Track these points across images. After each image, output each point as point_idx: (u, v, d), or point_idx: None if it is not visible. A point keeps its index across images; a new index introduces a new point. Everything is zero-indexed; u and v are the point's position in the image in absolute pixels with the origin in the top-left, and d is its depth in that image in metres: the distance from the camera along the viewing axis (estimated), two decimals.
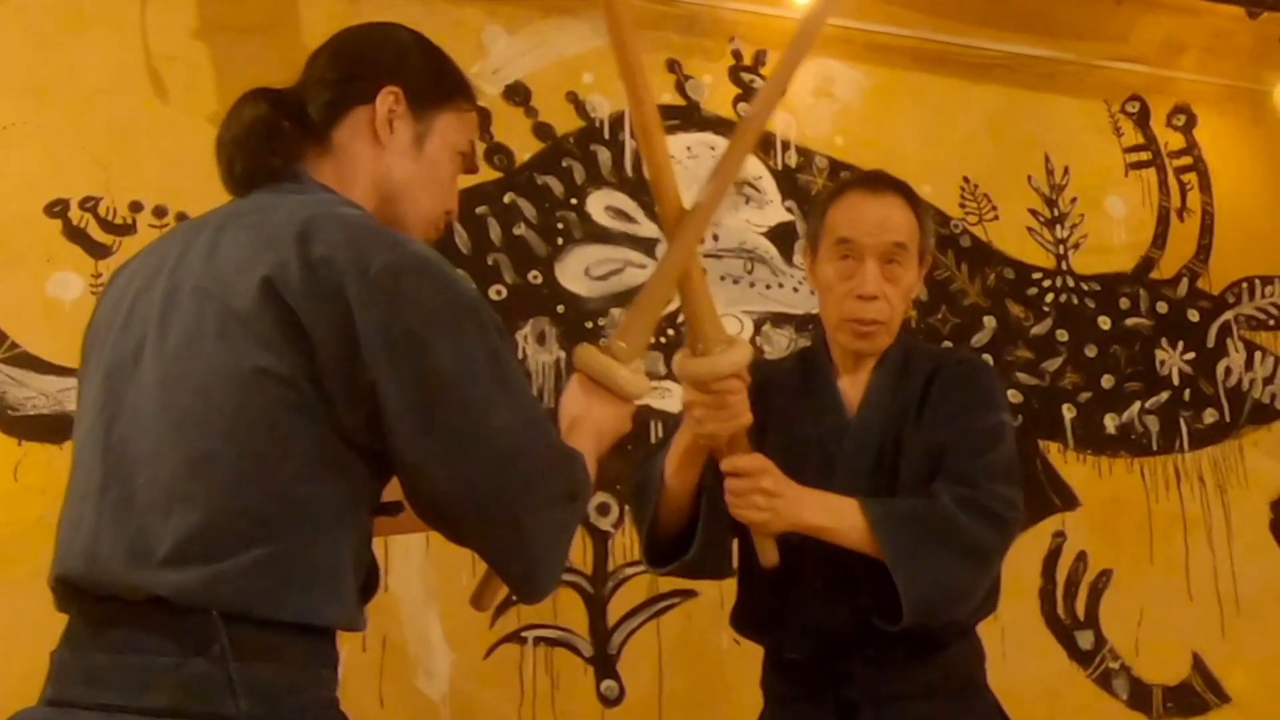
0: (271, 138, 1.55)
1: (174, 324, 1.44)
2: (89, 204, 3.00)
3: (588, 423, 1.67)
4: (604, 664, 3.18)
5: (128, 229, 3.00)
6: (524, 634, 3.14)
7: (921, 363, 2.17)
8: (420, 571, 3.10)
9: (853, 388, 2.16)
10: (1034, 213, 3.83)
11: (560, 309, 3.33)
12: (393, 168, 1.60)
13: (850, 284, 2.10)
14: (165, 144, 3.01)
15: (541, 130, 3.44)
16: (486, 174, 3.35)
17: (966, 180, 3.79)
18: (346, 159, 1.59)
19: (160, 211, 2.99)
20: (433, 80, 1.64)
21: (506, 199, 3.36)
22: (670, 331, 3.28)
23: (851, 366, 2.17)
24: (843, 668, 2.07)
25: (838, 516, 1.98)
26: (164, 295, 1.46)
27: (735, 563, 2.19)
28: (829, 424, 2.15)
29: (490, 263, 3.31)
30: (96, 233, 3.00)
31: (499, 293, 3.29)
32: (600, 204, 3.43)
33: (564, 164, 3.42)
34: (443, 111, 1.64)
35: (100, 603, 1.38)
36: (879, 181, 2.20)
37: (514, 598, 3.07)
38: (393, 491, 1.56)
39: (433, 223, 1.67)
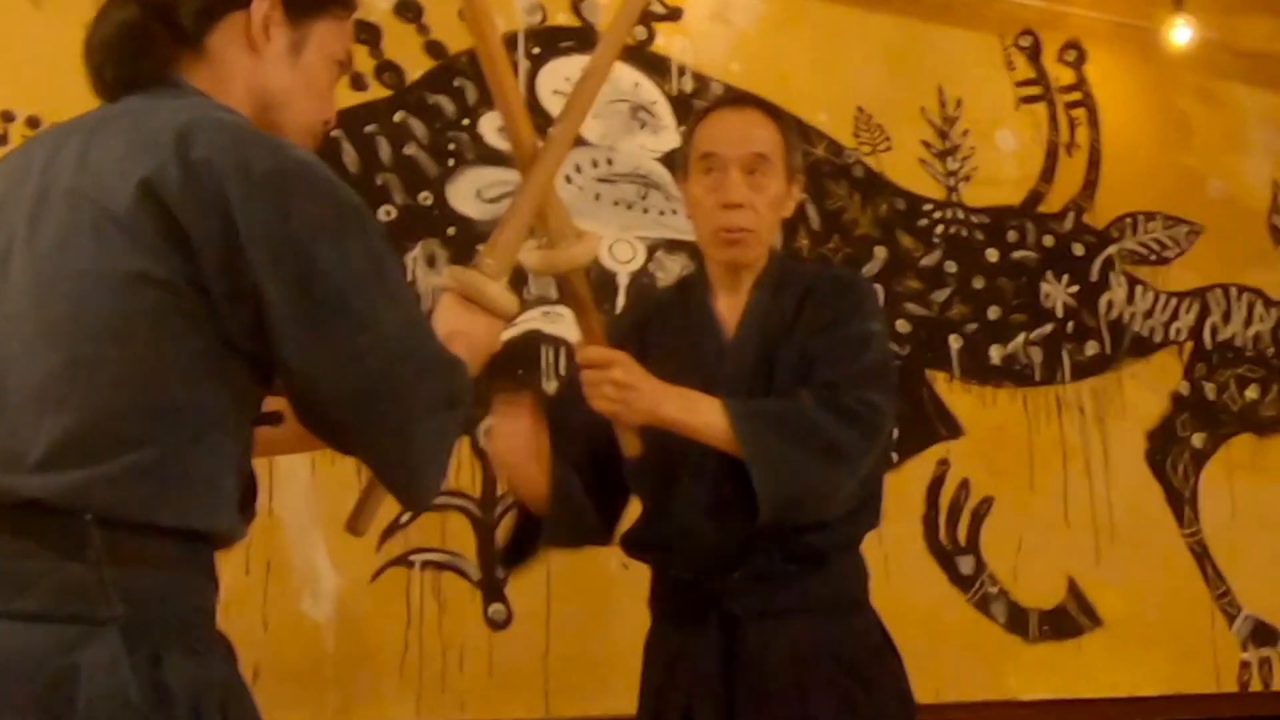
0: (142, 42, 1.51)
1: (45, 226, 1.40)
2: None
3: (461, 337, 1.67)
4: (492, 588, 3.18)
5: (0, 139, 2.89)
6: (411, 558, 3.13)
7: (796, 280, 2.20)
8: (305, 495, 3.06)
9: (730, 310, 2.19)
10: (926, 144, 3.86)
11: (451, 231, 3.29)
12: (269, 75, 1.56)
13: (716, 195, 2.14)
14: (38, 50, 2.89)
15: (433, 48, 3.37)
16: (376, 92, 3.29)
17: (861, 110, 3.80)
18: (222, 66, 1.54)
19: (33, 122, 2.88)
20: None
21: (397, 118, 3.30)
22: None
23: (729, 286, 2.20)
24: (725, 583, 2.10)
25: (696, 411, 2.01)
26: (33, 197, 1.42)
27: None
28: (707, 346, 2.18)
29: (379, 182, 3.25)
30: None
31: (388, 213, 3.24)
32: (493, 125, 3.37)
33: (456, 83, 3.37)
34: (320, 18, 1.59)
35: None
36: (741, 99, 2.31)
37: (401, 520, 3.10)
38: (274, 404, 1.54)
39: (311, 131, 1.64)
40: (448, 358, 1.52)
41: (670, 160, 3.52)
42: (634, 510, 2.26)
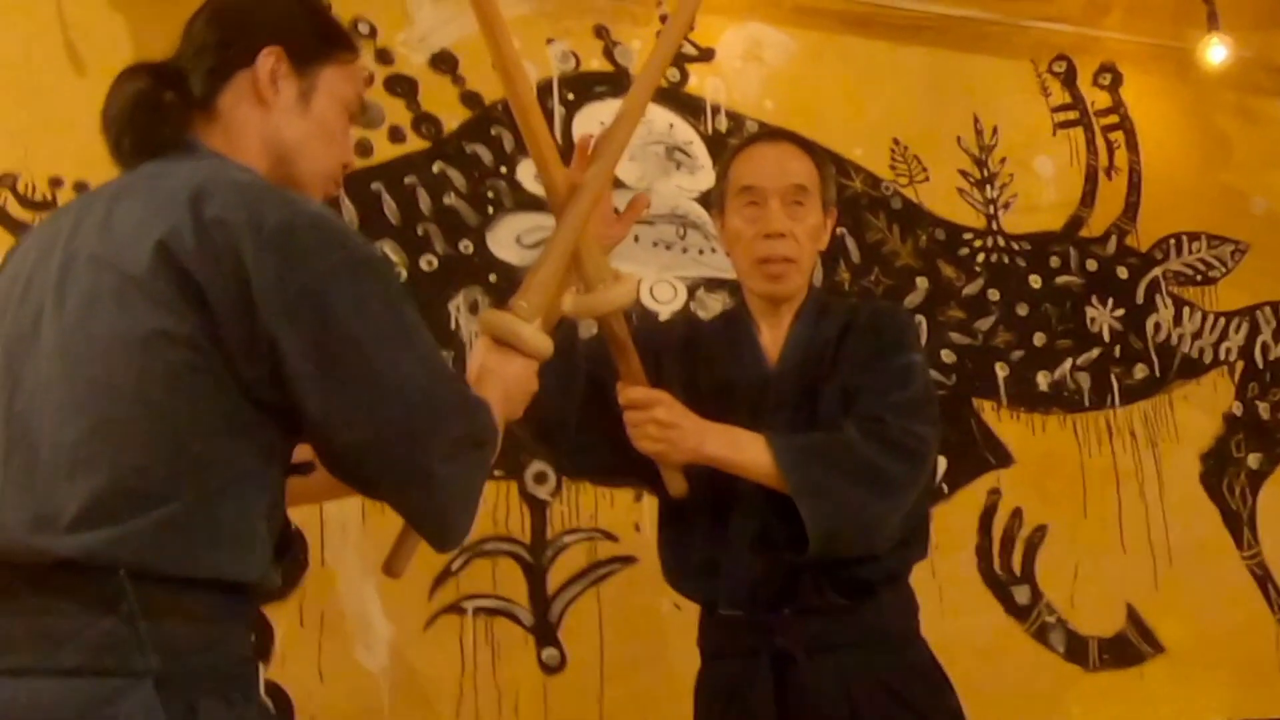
0: (155, 110, 1.54)
1: (71, 293, 1.43)
2: (7, 180, 2.95)
3: (493, 378, 1.70)
4: (545, 632, 3.18)
5: (47, 205, 2.95)
6: (463, 604, 3.13)
7: (837, 312, 2.23)
8: (356, 545, 3.08)
9: (773, 341, 2.21)
10: (964, 173, 3.86)
11: (492, 278, 3.31)
12: (282, 128, 1.59)
13: (757, 227, 2.16)
14: (84, 117, 2.91)
15: (469, 99, 3.41)
16: (414, 144, 3.33)
17: (896, 142, 3.80)
18: (234, 124, 1.58)
19: (80, 186, 2.94)
20: (313, 35, 1.63)
21: (435, 168, 3.33)
22: None
23: (771, 319, 2.22)
24: (775, 619, 2.09)
25: (740, 448, 2.02)
26: (60, 266, 1.46)
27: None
28: (751, 377, 2.19)
29: (420, 233, 3.28)
30: (16, 209, 2.95)
31: (430, 263, 3.27)
32: (530, 171, 3.40)
33: (493, 132, 3.40)
34: (326, 65, 1.63)
35: (5, 570, 1.36)
36: (775, 134, 2.35)
37: (453, 567, 3.11)
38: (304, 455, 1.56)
39: (330, 177, 1.67)
40: (468, 398, 1.54)
41: (707, 199, 3.54)
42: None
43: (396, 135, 3.31)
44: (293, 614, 3.00)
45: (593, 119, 3.50)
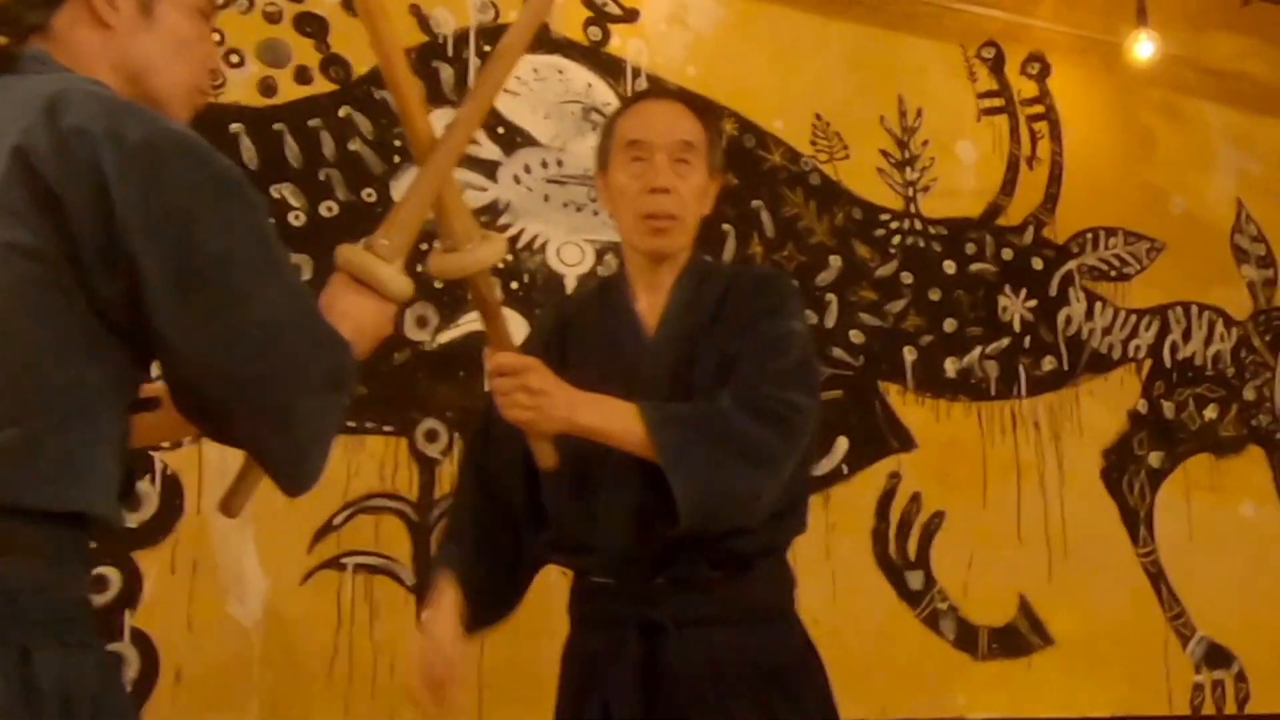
0: None
1: None
2: None
3: (348, 319, 1.60)
4: (426, 593, 3.09)
5: None
6: (343, 560, 3.06)
7: (717, 278, 2.15)
8: None
9: (651, 309, 2.14)
10: (885, 153, 3.82)
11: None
12: (128, 47, 1.49)
13: (642, 181, 2.09)
14: None
15: None
16: (321, 85, 3.24)
17: (819, 118, 3.75)
18: (75, 47, 1.47)
19: None
20: None
21: (342, 112, 3.24)
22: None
23: (649, 284, 2.15)
24: (646, 590, 2.04)
25: (612, 417, 1.94)
26: None
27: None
28: (627, 346, 2.12)
29: (322, 177, 3.19)
30: None
31: (330, 209, 3.18)
32: (441, 123, 3.27)
33: None
34: None
35: None
36: (666, 92, 2.25)
37: (334, 521, 3.03)
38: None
39: (195, 88, 1.57)
40: (333, 335, 1.46)
41: None
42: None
43: (303, 76, 3.22)
44: (164, 560, 2.91)
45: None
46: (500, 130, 3.38)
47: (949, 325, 3.78)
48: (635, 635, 2.02)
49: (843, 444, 3.57)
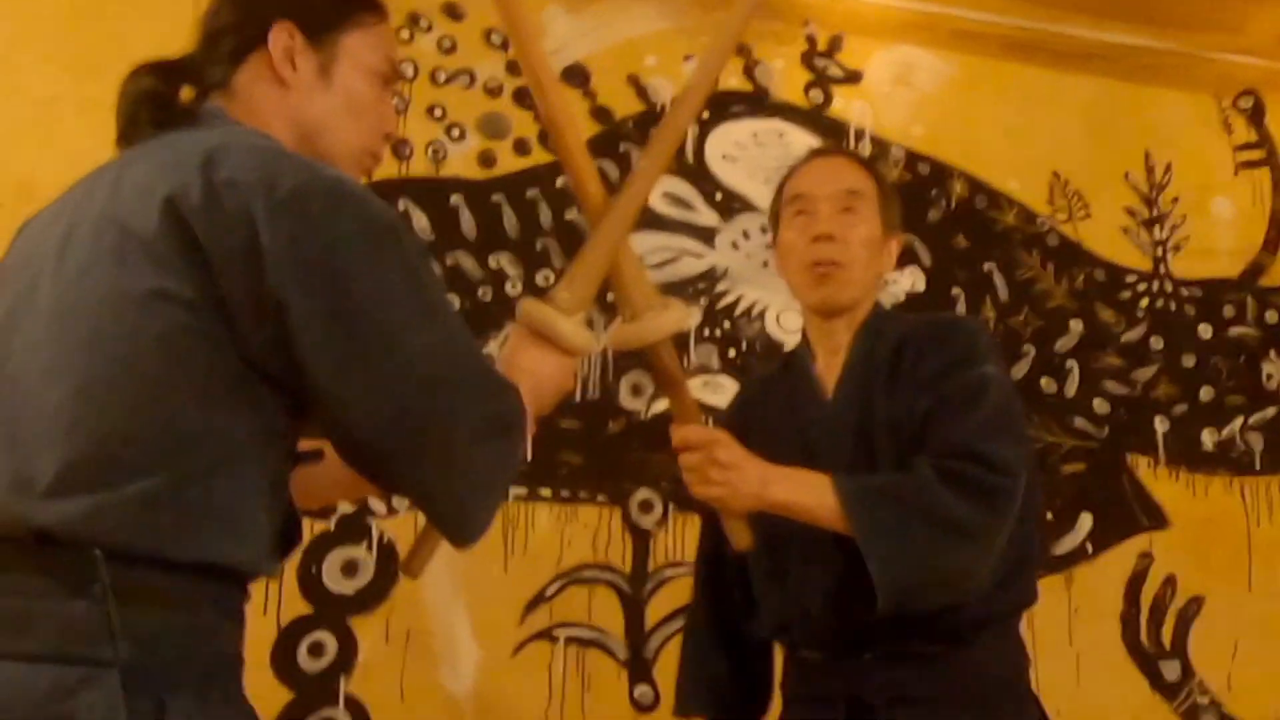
0: (164, 108, 1.48)
1: (72, 254, 1.36)
2: None
3: (525, 372, 1.58)
4: (639, 667, 3.03)
5: None
6: (555, 632, 3.01)
7: (895, 328, 2.02)
8: (448, 562, 2.98)
9: (829, 370, 2.03)
10: (1130, 212, 3.59)
11: (610, 297, 3.19)
12: (303, 105, 1.50)
13: (806, 234, 2.01)
14: None
15: (600, 114, 3.32)
16: (540, 157, 3.25)
17: (1056, 176, 3.56)
18: (254, 103, 1.50)
19: None
20: (325, 4, 1.54)
21: (559, 183, 3.25)
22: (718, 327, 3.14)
23: (827, 345, 2.04)
24: (856, 666, 1.90)
25: (805, 491, 1.82)
26: (65, 229, 1.39)
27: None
28: (806, 411, 2.02)
29: (539, 247, 3.20)
30: None
31: (547, 278, 3.18)
32: (658, 190, 3.29)
33: (622, 148, 3.30)
34: (346, 33, 1.54)
35: None
36: (832, 148, 2.19)
37: (546, 592, 2.99)
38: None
39: (366, 150, 1.57)
40: (496, 380, 1.42)
41: None
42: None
43: (522, 148, 3.25)
44: (378, 628, 2.92)
45: (727, 138, 3.38)
46: (718, 196, 3.33)
47: (1205, 393, 3.50)
48: (843, 713, 1.89)
49: (1086, 521, 3.33)
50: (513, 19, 1.76)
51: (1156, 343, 3.50)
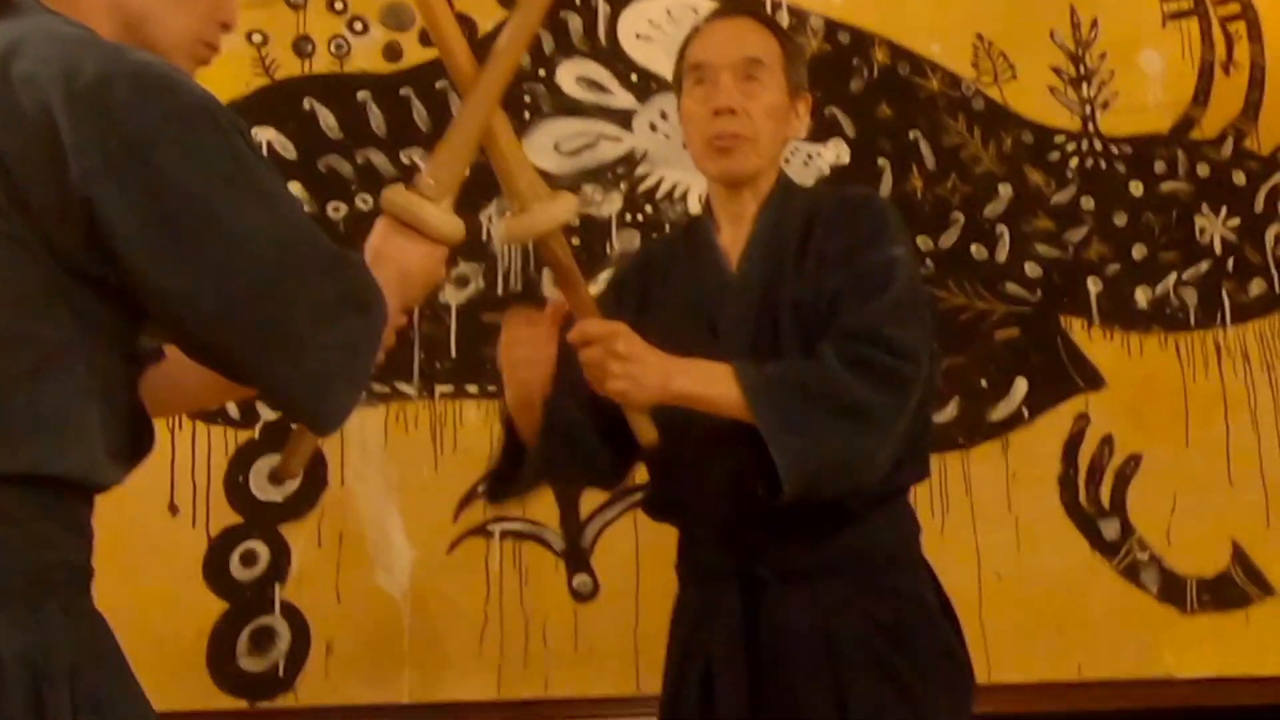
0: None
1: None
2: None
3: (389, 260, 1.53)
4: (577, 558, 3.03)
5: None
6: (490, 527, 3.01)
7: (802, 202, 1.99)
8: (378, 464, 2.98)
9: (734, 242, 2.00)
10: (1057, 71, 3.51)
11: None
12: None
13: (707, 104, 1.96)
14: None
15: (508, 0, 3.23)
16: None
17: (980, 38, 3.48)
18: None
19: None
20: None
21: None
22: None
23: (732, 215, 2.01)
24: (748, 542, 1.90)
25: (709, 382, 1.79)
26: None
27: None
28: (710, 285, 1.99)
29: None
30: None
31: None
32: (571, 74, 3.22)
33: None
34: None
35: None
36: (735, 9, 2.15)
37: (479, 488, 2.97)
38: None
39: (199, 39, 1.50)
40: (336, 253, 1.37)
41: None
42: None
43: (427, 39, 3.15)
44: (310, 534, 2.92)
45: (640, 17, 3.30)
46: (633, 77, 3.26)
47: (1138, 252, 3.46)
48: (736, 591, 1.89)
49: (1021, 386, 3.32)
50: None
51: (1087, 203, 3.45)
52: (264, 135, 3.04)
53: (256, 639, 2.87)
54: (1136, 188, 3.49)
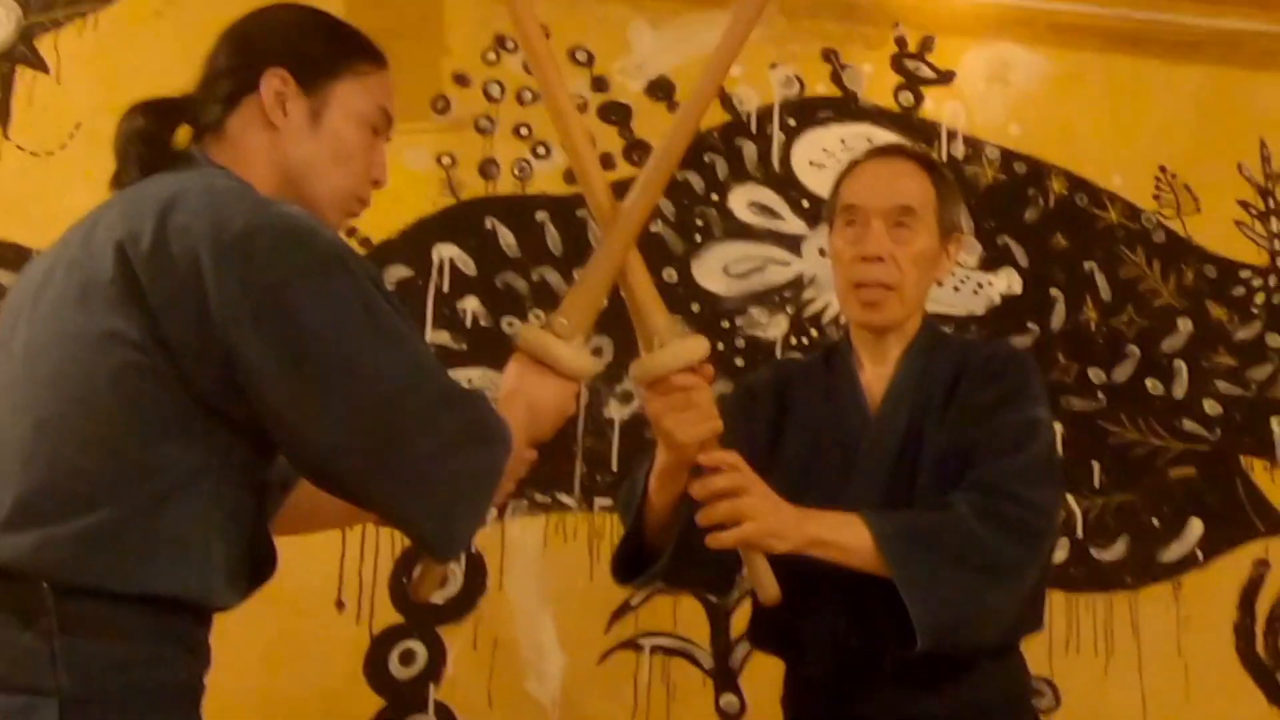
0: (154, 146, 1.54)
1: (45, 295, 1.45)
2: None
3: (520, 395, 1.62)
4: (724, 677, 3.04)
5: None
6: (640, 641, 3.04)
7: (950, 353, 1.99)
8: (535, 572, 3.05)
9: (877, 380, 2.00)
10: (1244, 204, 3.44)
11: (695, 308, 3.22)
12: (290, 150, 1.57)
13: (855, 248, 1.97)
14: None
15: None
16: (624, 171, 3.28)
17: (1163, 170, 3.43)
18: (242, 146, 1.56)
19: None
20: (321, 52, 1.59)
21: None
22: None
23: (875, 355, 2.01)
24: (862, 685, 1.89)
25: (840, 528, 1.78)
26: (45, 272, 1.48)
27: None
28: (849, 421, 1.99)
29: None
30: None
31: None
32: (743, 200, 3.30)
33: (706, 159, 3.31)
34: (338, 81, 1.59)
35: None
36: (891, 150, 2.13)
37: (632, 602, 3.02)
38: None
39: (351, 196, 1.63)
40: (459, 391, 1.46)
41: None
42: None
43: (607, 163, 3.27)
44: (467, 637, 3.00)
45: (815, 145, 3.35)
46: (805, 204, 3.32)
47: None
48: None
49: (1197, 527, 3.21)
50: (525, 34, 1.79)
51: (1273, 340, 3.35)
52: (447, 252, 3.19)
53: None
54: None
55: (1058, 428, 2.78)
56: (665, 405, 1.74)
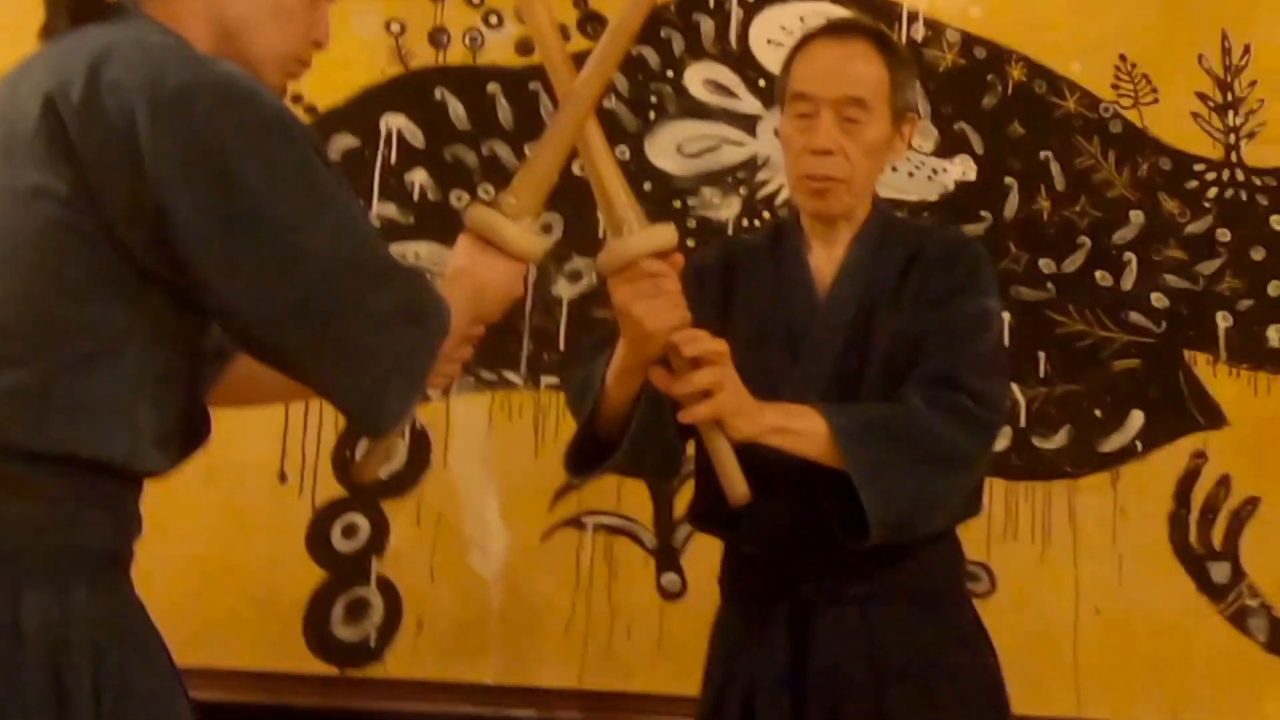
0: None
1: None
2: None
3: (466, 275, 1.60)
4: (666, 556, 3.07)
5: None
6: (584, 519, 3.06)
7: (902, 239, 1.98)
8: (480, 449, 3.05)
9: (827, 264, 1.99)
10: (1202, 96, 3.40)
11: (647, 186, 3.18)
12: (226, 6, 1.50)
13: (805, 139, 1.93)
14: None
15: None
16: (579, 44, 3.21)
17: (1123, 59, 3.39)
18: (176, 1, 1.49)
19: None
20: None
21: None
22: None
23: (824, 238, 1.99)
24: (801, 565, 1.91)
25: (796, 417, 1.80)
26: None
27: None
28: (797, 303, 1.98)
29: None
30: None
31: (583, 167, 3.16)
32: (699, 77, 3.24)
33: (662, 34, 3.25)
34: None
35: None
36: (845, 27, 2.07)
37: (574, 483, 3.02)
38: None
39: (291, 57, 1.58)
40: (397, 265, 1.44)
41: None
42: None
43: (560, 35, 3.20)
44: (410, 512, 3.01)
45: (773, 22, 3.29)
46: (761, 83, 3.26)
47: (1275, 289, 3.34)
48: (784, 614, 1.90)
49: (1137, 418, 3.24)
50: None
51: (1223, 235, 3.34)
52: (396, 123, 3.13)
53: (351, 609, 2.98)
54: (1277, 221, 3.37)
55: (1006, 317, 2.80)
56: (634, 292, 1.71)
